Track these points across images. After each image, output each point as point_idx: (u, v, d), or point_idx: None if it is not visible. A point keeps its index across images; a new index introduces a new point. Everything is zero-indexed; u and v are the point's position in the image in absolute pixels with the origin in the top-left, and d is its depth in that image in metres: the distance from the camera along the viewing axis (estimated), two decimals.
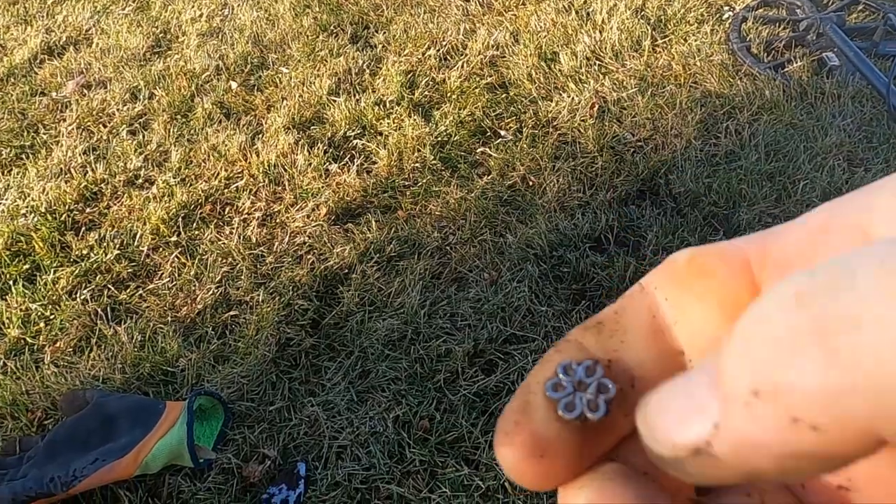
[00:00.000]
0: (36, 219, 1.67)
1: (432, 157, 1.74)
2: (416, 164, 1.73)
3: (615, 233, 1.50)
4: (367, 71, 2.08)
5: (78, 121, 2.01)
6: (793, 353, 0.12)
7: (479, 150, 1.77)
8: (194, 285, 1.49)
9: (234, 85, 2.09)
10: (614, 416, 0.17)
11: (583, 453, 0.17)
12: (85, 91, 2.14)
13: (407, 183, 1.69)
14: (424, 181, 1.68)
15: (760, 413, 0.13)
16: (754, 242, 0.17)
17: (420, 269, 1.46)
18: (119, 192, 1.75)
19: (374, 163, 1.76)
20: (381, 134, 1.85)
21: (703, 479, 0.15)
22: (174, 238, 1.61)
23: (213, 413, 1.24)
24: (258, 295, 1.44)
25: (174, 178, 1.77)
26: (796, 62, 1.92)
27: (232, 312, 1.42)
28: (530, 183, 1.65)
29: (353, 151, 1.81)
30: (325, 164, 1.76)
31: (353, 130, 1.87)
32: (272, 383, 1.29)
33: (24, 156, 1.89)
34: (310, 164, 1.75)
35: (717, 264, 0.17)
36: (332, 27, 2.28)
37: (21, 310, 1.47)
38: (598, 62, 2.01)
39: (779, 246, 0.17)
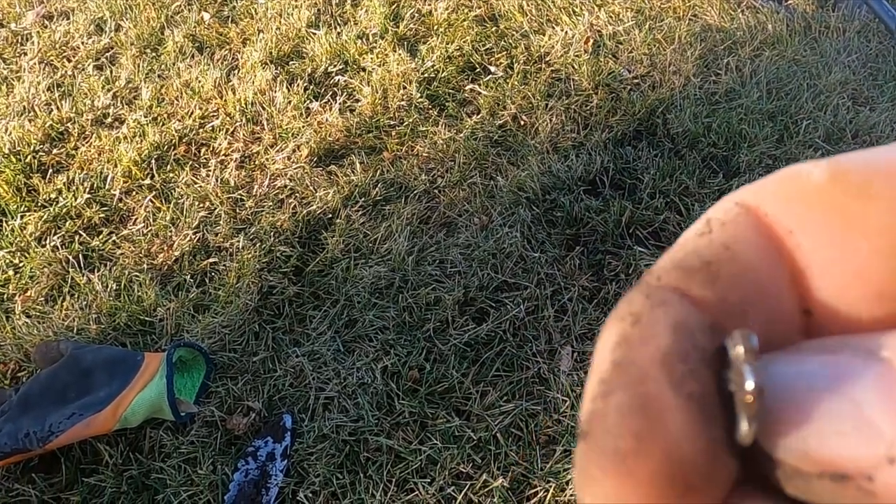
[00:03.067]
0: None
1: (419, 95, 1.65)
2: (402, 103, 1.64)
3: (610, 175, 1.44)
4: (349, 1, 1.96)
5: (40, 55, 1.88)
6: None
7: (467, 88, 1.68)
8: (170, 231, 1.42)
9: (206, 16, 1.96)
10: None
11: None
12: (46, 22, 2.00)
13: (392, 122, 1.61)
14: (411, 120, 1.60)
15: None
16: None
17: (407, 214, 1.40)
18: (87, 132, 1.65)
19: (358, 101, 1.67)
20: (364, 70, 1.75)
21: None
22: (147, 181, 1.52)
23: (194, 365, 1.20)
24: (238, 241, 1.38)
25: (145, 116, 1.67)
26: None
27: (211, 259, 1.36)
28: (522, 122, 1.58)
29: (335, 89, 1.71)
30: (305, 102, 1.66)
31: (335, 66, 1.77)
32: (255, 333, 1.25)
33: None
34: (289, 103, 1.66)
35: (882, 181, 0.12)
36: None
37: None
38: None
39: None
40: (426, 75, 1.70)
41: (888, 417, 0.10)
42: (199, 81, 1.74)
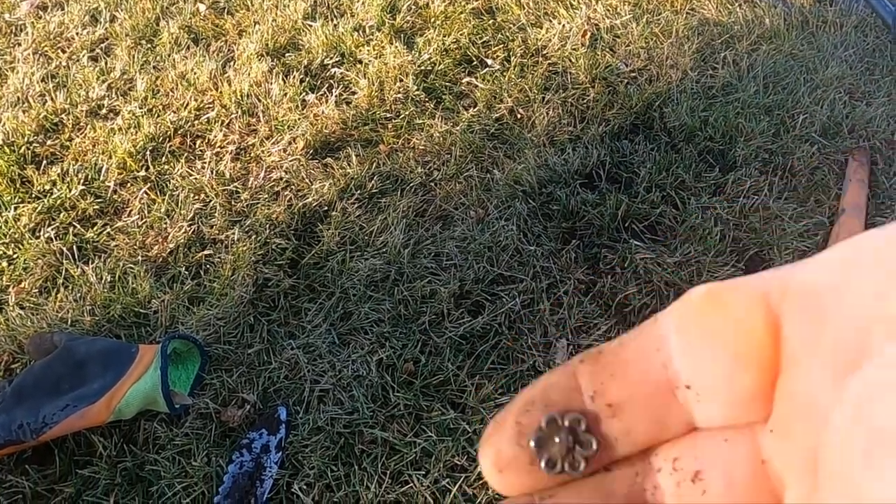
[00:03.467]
0: None
1: (415, 88, 1.64)
2: (399, 95, 1.64)
3: (607, 169, 1.44)
4: None
5: (34, 45, 1.87)
6: None
7: (464, 81, 1.67)
8: (165, 223, 1.41)
9: (202, 7, 1.95)
10: (594, 469, 0.18)
11: (541, 475, 0.18)
12: (41, 13, 1.99)
13: (389, 115, 1.60)
14: (407, 113, 1.59)
15: None
16: (773, 275, 0.17)
17: (403, 207, 1.39)
18: (82, 123, 1.65)
19: (354, 93, 1.67)
20: (360, 62, 1.74)
21: None
22: (142, 173, 1.52)
23: (188, 357, 1.19)
24: (233, 233, 1.37)
25: (140, 108, 1.66)
26: None
27: (206, 251, 1.36)
28: (519, 115, 1.57)
29: (332, 81, 1.70)
30: (301, 94, 1.66)
31: (331, 58, 1.76)
32: (250, 325, 1.24)
33: None
34: (285, 95, 1.65)
35: (731, 296, 0.17)
36: None
37: None
38: None
39: (802, 276, 0.17)
40: (423, 68, 1.70)
41: None
42: (195, 73, 1.73)
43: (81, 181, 1.50)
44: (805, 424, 0.16)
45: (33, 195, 1.49)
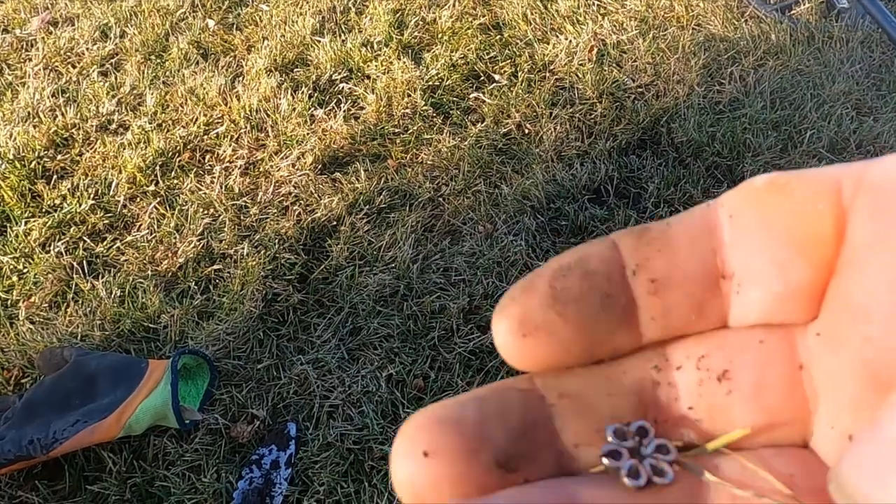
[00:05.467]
0: (4, 166, 1.58)
1: (423, 103, 1.65)
2: (407, 110, 1.65)
3: (615, 184, 1.45)
4: (353, 9, 1.97)
5: (45, 61, 1.89)
6: None
7: (472, 96, 1.68)
8: (175, 237, 1.42)
9: (211, 23, 1.97)
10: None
11: (571, 343, 0.16)
12: (51, 28, 2.01)
13: (397, 130, 1.61)
14: (415, 128, 1.60)
15: None
16: (851, 166, 0.16)
17: (412, 222, 1.40)
18: (92, 138, 1.66)
19: (362, 108, 1.68)
20: (368, 77, 1.75)
21: None
22: (152, 187, 1.53)
23: (198, 372, 1.19)
24: (242, 248, 1.38)
25: (150, 123, 1.67)
26: (804, 4, 1.84)
27: (215, 266, 1.36)
28: (526, 131, 1.58)
29: (340, 96, 1.72)
30: (310, 109, 1.67)
31: (339, 73, 1.77)
32: (259, 340, 1.24)
33: None
34: (294, 110, 1.66)
35: (797, 184, 0.16)
36: None
37: None
38: (596, 2, 1.91)
39: (880, 171, 0.15)
40: (430, 83, 1.71)
41: None
42: (204, 88, 1.74)
43: (91, 196, 1.51)
44: (860, 331, 0.15)
45: (43, 210, 1.50)
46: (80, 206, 1.49)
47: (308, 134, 1.61)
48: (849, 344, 0.15)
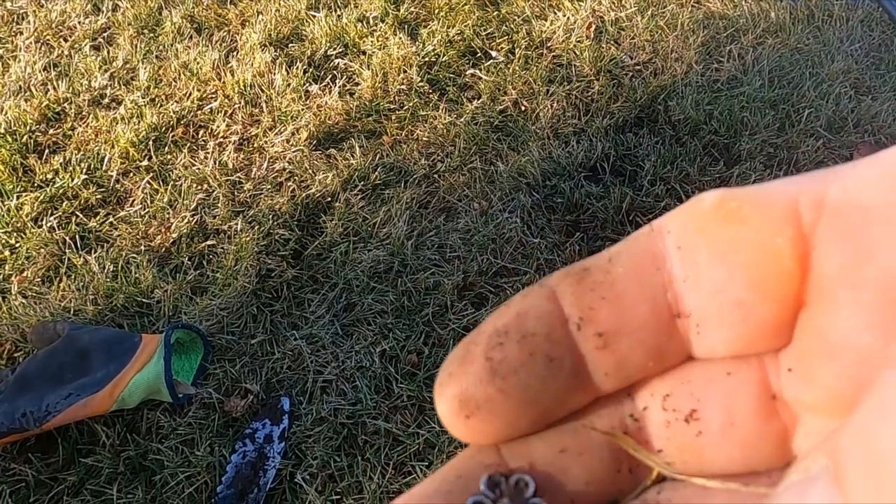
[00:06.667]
0: None
1: (419, 79, 1.64)
2: (402, 87, 1.63)
3: (611, 162, 1.44)
4: None
5: (36, 34, 1.86)
6: None
7: (468, 72, 1.67)
8: (168, 213, 1.41)
9: None
10: None
11: (518, 418, 0.15)
12: (42, 1, 1.98)
13: (392, 106, 1.60)
14: (411, 104, 1.59)
15: None
16: (807, 183, 0.14)
17: (407, 198, 1.39)
18: (84, 113, 1.64)
19: (358, 84, 1.66)
20: (364, 53, 1.73)
21: None
22: (145, 162, 1.51)
23: (191, 347, 1.19)
24: (236, 224, 1.37)
25: (143, 97, 1.65)
26: None
27: (209, 242, 1.36)
28: (523, 108, 1.57)
29: (335, 72, 1.70)
30: (304, 84, 1.65)
31: (335, 49, 1.75)
32: (253, 316, 1.24)
33: None
34: (289, 85, 1.65)
35: (752, 210, 0.14)
36: None
37: None
38: None
39: (842, 191, 0.13)
40: (427, 59, 1.69)
41: None
42: (198, 63, 1.72)
43: (84, 170, 1.50)
44: (835, 368, 0.14)
45: (35, 184, 1.49)
46: (72, 180, 1.48)
47: (303, 110, 1.59)
48: (822, 380, 0.14)
